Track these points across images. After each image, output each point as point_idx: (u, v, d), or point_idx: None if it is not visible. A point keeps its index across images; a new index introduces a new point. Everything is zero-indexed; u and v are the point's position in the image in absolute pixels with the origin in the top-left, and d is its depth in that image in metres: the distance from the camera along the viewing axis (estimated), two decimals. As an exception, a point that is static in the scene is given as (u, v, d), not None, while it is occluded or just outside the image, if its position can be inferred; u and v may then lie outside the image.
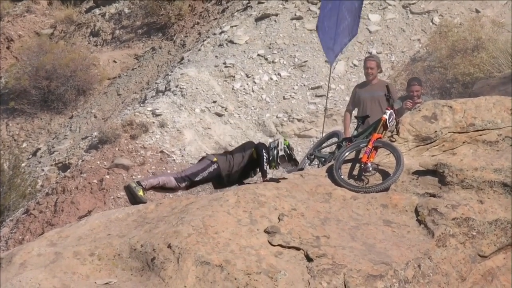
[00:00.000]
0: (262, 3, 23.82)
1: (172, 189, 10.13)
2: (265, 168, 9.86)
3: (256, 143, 10.32)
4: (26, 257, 8.27)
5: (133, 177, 17.52)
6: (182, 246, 7.99)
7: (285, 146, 10.04)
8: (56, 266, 8.03)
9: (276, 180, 9.58)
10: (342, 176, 9.72)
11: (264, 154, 9.89)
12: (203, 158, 10.29)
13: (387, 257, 8.20)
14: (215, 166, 9.99)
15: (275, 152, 9.99)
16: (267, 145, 10.15)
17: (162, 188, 10.07)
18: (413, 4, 23.01)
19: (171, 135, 19.42)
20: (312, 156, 11.91)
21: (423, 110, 10.57)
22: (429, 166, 9.67)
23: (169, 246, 8.02)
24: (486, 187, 9.29)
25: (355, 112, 14.01)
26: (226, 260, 7.92)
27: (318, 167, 11.35)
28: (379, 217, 9.10)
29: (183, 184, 10.00)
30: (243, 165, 10.03)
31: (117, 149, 18.94)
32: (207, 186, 16.30)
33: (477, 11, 22.65)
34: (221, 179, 10.05)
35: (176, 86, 20.93)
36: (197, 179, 10.00)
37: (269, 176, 9.90)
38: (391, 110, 10.41)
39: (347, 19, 14.81)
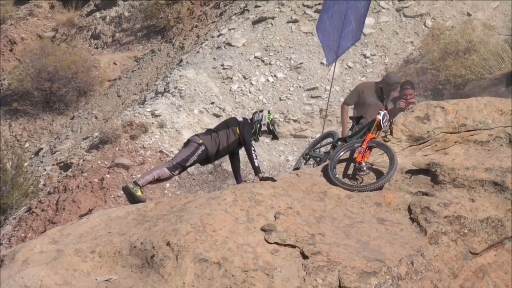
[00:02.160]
0: (259, 6, 23.82)
1: (167, 178, 10.23)
2: (257, 165, 9.92)
3: (239, 120, 10.33)
4: (29, 254, 8.27)
5: (133, 176, 17.50)
6: (180, 243, 7.99)
7: (268, 121, 10.21)
8: (57, 263, 8.03)
9: (272, 179, 9.59)
10: (337, 176, 9.73)
11: (253, 152, 9.97)
12: (189, 141, 10.30)
13: (380, 254, 8.20)
14: (203, 147, 10.07)
15: (258, 125, 10.13)
16: (251, 117, 10.26)
17: (158, 180, 10.16)
18: (406, 7, 23.02)
19: (170, 135, 19.41)
20: (308, 156, 11.92)
21: (416, 110, 10.58)
22: (422, 165, 9.68)
23: (168, 244, 8.02)
24: (477, 186, 9.29)
25: (350, 113, 13.96)
26: (224, 257, 7.92)
27: (313, 166, 11.35)
28: (373, 215, 9.10)
29: (176, 172, 10.13)
30: (231, 141, 10.11)
31: (117, 149, 18.92)
32: (205, 185, 16.35)
33: (469, 14, 22.68)
34: (209, 158, 10.16)
35: (175, 88, 20.93)
36: (188, 164, 10.12)
37: (264, 175, 9.94)
38: (385, 111, 10.43)
39: (352, 23, 14.83)
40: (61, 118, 24.54)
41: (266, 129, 10.23)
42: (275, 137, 10.57)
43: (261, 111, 10.42)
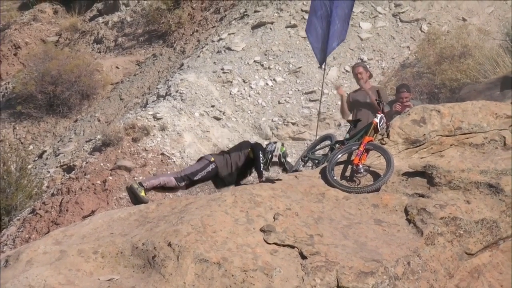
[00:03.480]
0: (258, 11, 23.84)
1: (172, 189, 10.16)
2: (261, 170, 9.90)
3: (251, 142, 10.34)
4: (33, 254, 8.27)
5: (135, 178, 17.50)
6: (181, 244, 7.99)
7: (280, 153, 10.11)
8: (61, 263, 8.03)
9: (272, 181, 9.59)
10: (335, 177, 9.72)
11: (261, 155, 9.93)
12: (201, 158, 10.32)
13: (378, 254, 8.20)
14: (213, 165, 10.03)
15: (270, 156, 10.04)
16: (264, 147, 10.19)
17: (163, 188, 10.10)
18: (402, 13, 23.04)
19: (171, 138, 19.41)
20: (306, 158, 11.93)
21: (412, 114, 10.58)
22: (418, 167, 9.68)
23: (169, 245, 8.01)
24: (472, 188, 9.29)
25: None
26: (224, 257, 7.92)
27: (312, 168, 11.35)
28: (370, 216, 9.10)
29: (183, 184, 10.02)
30: (241, 164, 10.06)
31: (119, 151, 18.92)
32: (206, 186, 16.33)
33: (464, 20, 22.69)
34: (220, 179, 10.08)
35: (176, 91, 20.93)
36: (196, 178, 10.02)
37: (265, 176, 9.92)
38: (382, 114, 10.44)
39: (336, 24, 14.87)
40: (64, 121, 24.55)
41: (277, 160, 10.09)
42: (285, 169, 10.41)
43: (275, 142, 10.35)
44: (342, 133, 17.10)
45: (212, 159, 10.09)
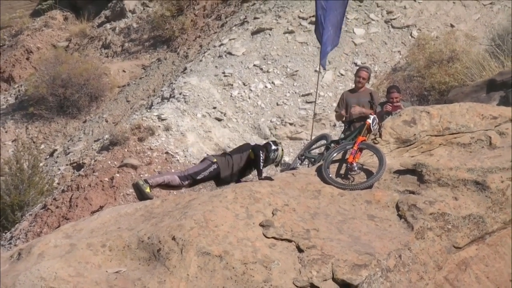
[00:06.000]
0: (258, 18, 23.83)
1: (176, 187, 10.19)
2: (261, 168, 9.94)
3: (252, 144, 10.37)
4: (44, 248, 8.26)
5: (141, 175, 17.49)
6: (185, 238, 7.98)
7: (279, 160, 10.40)
8: (71, 256, 8.02)
9: (270, 179, 9.60)
10: (330, 175, 9.72)
11: (261, 155, 9.97)
12: (204, 159, 10.36)
13: (371, 248, 8.19)
14: (215, 166, 10.04)
15: (270, 160, 10.23)
16: (267, 148, 10.24)
17: (167, 186, 10.11)
18: (394, 19, 23.04)
19: (175, 138, 19.40)
20: (303, 157, 11.92)
21: (403, 115, 10.58)
22: (409, 166, 9.67)
23: (174, 238, 8.00)
24: (460, 185, 9.28)
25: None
26: (225, 251, 7.91)
27: (308, 166, 11.35)
28: (363, 212, 9.09)
29: (186, 182, 10.04)
30: (243, 165, 10.10)
31: (126, 150, 18.91)
32: (208, 184, 16.33)
33: (452, 26, 22.70)
34: (221, 178, 10.10)
35: (180, 94, 20.92)
36: (198, 177, 10.04)
37: (264, 174, 9.95)
38: (374, 115, 10.43)
39: (329, 30, 14.87)
40: (74, 121, 24.55)
41: (275, 163, 10.41)
42: (277, 165, 10.78)
43: (277, 144, 10.42)
44: (337, 133, 17.14)
45: (215, 160, 10.12)
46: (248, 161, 10.12)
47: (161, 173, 10.49)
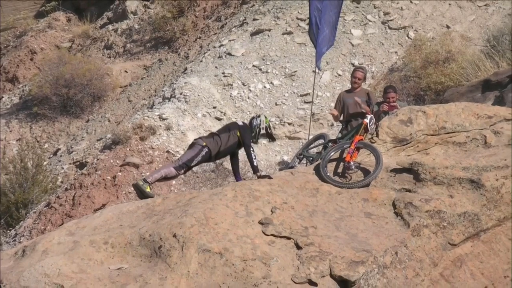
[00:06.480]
0: (257, 19, 23.82)
1: (173, 177, 10.30)
2: (255, 165, 9.94)
3: (239, 124, 10.40)
4: (48, 245, 8.27)
5: (143, 174, 17.49)
6: (186, 235, 7.99)
7: (266, 125, 10.37)
8: (74, 253, 8.03)
9: (269, 177, 9.60)
10: (328, 174, 9.73)
11: (252, 153, 10.02)
12: (193, 144, 10.38)
13: (367, 245, 8.20)
14: (206, 149, 10.17)
15: (258, 129, 10.26)
16: (249, 122, 10.33)
17: (165, 178, 10.20)
18: (391, 20, 23.04)
19: (176, 137, 19.40)
20: (301, 156, 11.93)
21: (400, 115, 10.59)
22: (405, 164, 9.68)
23: (174, 236, 8.02)
24: (455, 183, 9.29)
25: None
26: (225, 248, 7.92)
27: (306, 165, 11.36)
28: (360, 210, 9.10)
29: (182, 171, 10.22)
30: (230, 144, 10.18)
31: (128, 149, 18.91)
32: (208, 182, 16.33)
33: (448, 27, 22.70)
34: (211, 158, 10.25)
35: (181, 94, 20.92)
36: (193, 164, 10.24)
37: (261, 172, 9.96)
38: (371, 115, 10.44)
39: (325, 31, 14.85)
40: (77, 121, 24.55)
41: (264, 132, 10.38)
42: (272, 138, 10.75)
43: (258, 116, 10.49)
44: (335, 132, 17.15)
45: (204, 143, 10.22)
46: (235, 141, 10.26)
47: (158, 169, 10.52)
